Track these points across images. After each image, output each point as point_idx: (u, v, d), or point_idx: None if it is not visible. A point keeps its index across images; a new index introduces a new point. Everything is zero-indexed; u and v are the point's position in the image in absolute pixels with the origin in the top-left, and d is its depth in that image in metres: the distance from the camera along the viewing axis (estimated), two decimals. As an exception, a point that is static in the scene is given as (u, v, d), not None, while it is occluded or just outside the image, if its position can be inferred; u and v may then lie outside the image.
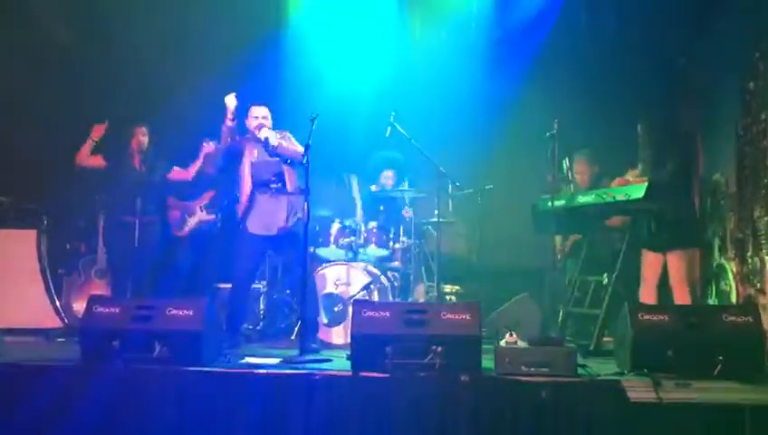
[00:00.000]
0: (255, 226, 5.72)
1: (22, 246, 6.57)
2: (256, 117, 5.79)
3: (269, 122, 5.80)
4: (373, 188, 7.23)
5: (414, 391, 4.06)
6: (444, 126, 7.46)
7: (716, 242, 6.50)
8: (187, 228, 6.88)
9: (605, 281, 5.80)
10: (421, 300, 6.66)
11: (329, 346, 5.94)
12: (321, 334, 6.16)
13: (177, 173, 6.64)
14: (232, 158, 5.87)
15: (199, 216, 6.91)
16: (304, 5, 7.96)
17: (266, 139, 5.64)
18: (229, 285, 6.11)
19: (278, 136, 5.68)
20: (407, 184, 7.03)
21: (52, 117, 7.12)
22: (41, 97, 7.15)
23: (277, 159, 5.70)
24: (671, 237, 5.61)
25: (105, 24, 7.28)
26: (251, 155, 5.78)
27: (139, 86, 7.14)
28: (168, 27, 7.30)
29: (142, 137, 6.53)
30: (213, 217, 6.91)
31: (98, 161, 6.41)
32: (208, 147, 6.45)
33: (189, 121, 6.89)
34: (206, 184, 6.95)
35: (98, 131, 6.37)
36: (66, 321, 6.45)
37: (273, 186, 5.69)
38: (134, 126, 6.56)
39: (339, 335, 6.13)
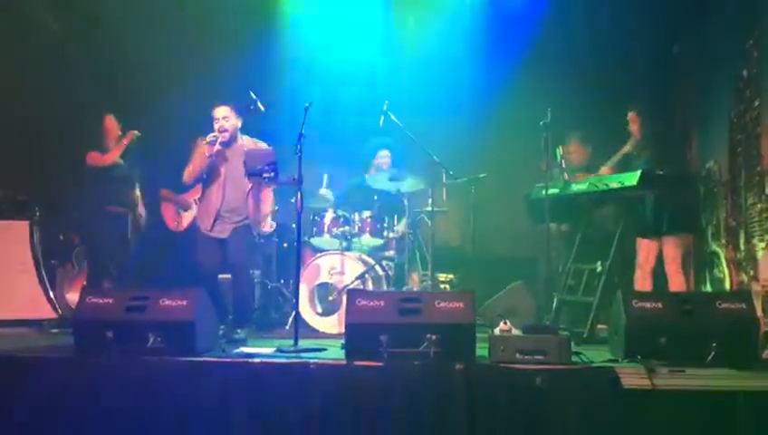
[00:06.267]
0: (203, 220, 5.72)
1: (14, 237, 6.58)
2: (217, 118, 5.62)
3: (229, 124, 5.62)
4: (369, 174, 7.18)
5: (408, 379, 4.05)
6: (437, 115, 7.45)
7: (710, 229, 6.52)
8: (183, 224, 6.81)
9: (599, 269, 5.81)
10: (415, 289, 6.65)
11: (323, 335, 5.94)
12: (315, 324, 6.17)
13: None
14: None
15: (194, 210, 6.83)
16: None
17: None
18: (228, 276, 6.05)
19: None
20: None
21: (45, 109, 7.07)
22: (33, 90, 7.11)
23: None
24: (666, 224, 5.62)
25: (96, 18, 7.24)
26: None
27: (130, 80, 7.09)
28: (158, 20, 7.26)
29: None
30: None
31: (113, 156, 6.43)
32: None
33: (179, 119, 6.85)
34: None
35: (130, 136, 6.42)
36: (60, 312, 6.45)
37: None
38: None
39: (333, 325, 6.12)
